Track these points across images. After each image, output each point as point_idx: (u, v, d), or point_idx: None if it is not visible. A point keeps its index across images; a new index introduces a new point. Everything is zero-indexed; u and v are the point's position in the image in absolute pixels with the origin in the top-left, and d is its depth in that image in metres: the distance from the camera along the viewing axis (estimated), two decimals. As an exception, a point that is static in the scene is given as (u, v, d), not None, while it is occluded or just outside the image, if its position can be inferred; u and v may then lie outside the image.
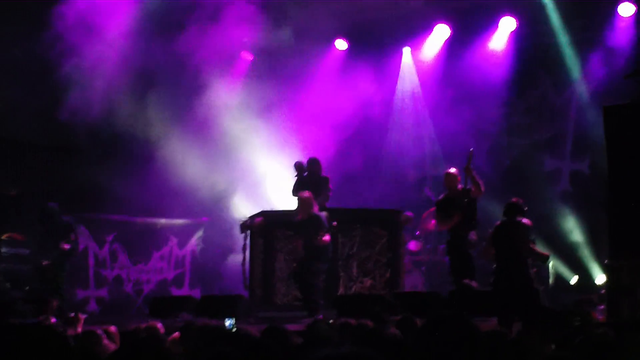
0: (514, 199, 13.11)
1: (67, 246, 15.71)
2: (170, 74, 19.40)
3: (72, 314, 11.27)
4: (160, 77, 19.39)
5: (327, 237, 14.09)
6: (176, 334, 8.51)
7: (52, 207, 16.17)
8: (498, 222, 13.04)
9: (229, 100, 20.21)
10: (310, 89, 20.59)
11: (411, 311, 11.54)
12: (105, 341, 8.40)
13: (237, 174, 19.65)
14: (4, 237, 17.75)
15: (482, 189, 14.36)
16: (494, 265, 13.10)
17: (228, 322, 11.24)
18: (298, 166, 16.45)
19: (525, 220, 12.86)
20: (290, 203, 16.11)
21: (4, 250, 17.56)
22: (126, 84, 18.62)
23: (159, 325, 9.33)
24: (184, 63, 19.07)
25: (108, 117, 18.88)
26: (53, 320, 10.96)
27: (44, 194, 17.34)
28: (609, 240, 13.59)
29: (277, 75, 20.94)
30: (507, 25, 19.55)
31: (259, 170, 19.73)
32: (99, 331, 8.52)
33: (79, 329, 10.10)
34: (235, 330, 7.97)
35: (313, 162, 16.28)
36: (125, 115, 19.09)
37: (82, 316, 10.90)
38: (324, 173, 16.25)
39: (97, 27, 17.95)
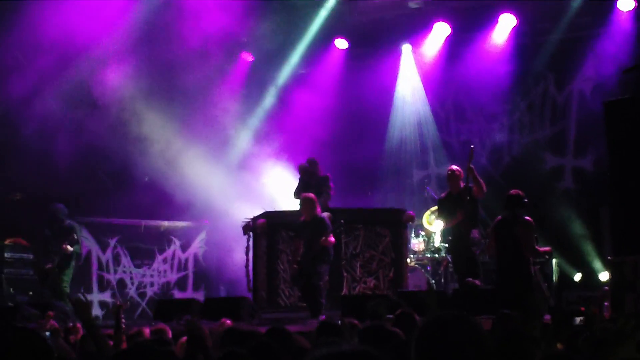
0: (512, 191, 13.00)
1: (69, 248, 15.73)
2: (171, 77, 19.41)
3: (71, 324, 11.27)
4: (161, 80, 19.40)
5: (331, 239, 14.08)
6: (183, 339, 8.48)
7: (59, 208, 16.19)
8: (499, 217, 12.94)
9: (230, 101, 20.23)
10: (310, 89, 20.57)
11: (415, 310, 11.53)
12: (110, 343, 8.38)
13: (239, 176, 19.63)
14: (7, 242, 17.76)
15: (484, 189, 14.33)
16: (496, 263, 13.05)
17: None
18: (302, 169, 16.44)
19: (528, 218, 12.79)
20: (292, 204, 16.12)
21: (8, 255, 17.57)
22: (129, 88, 18.64)
23: (167, 328, 9.30)
24: (183, 66, 19.08)
25: (112, 122, 18.92)
26: (54, 323, 10.95)
27: (48, 198, 17.34)
28: (611, 236, 13.58)
29: (278, 75, 20.96)
30: (507, 22, 19.50)
31: (261, 172, 19.72)
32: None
33: (79, 335, 10.09)
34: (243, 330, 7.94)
35: (311, 163, 16.28)
36: (128, 120, 19.12)
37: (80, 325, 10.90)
38: (322, 172, 16.25)
39: (103, 32, 17.99)
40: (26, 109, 17.83)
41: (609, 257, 14.12)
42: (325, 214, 14.41)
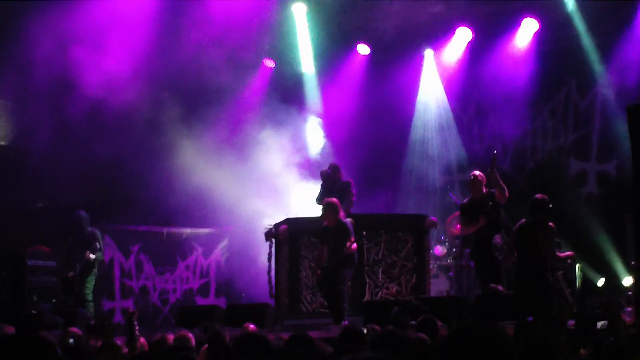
0: (538, 195, 12.92)
1: (92, 256, 15.77)
2: (193, 83, 19.44)
3: (93, 322, 11.25)
4: (182, 86, 19.43)
5: (354, 245, 14.04)
6: (206, 346, 8.47)
7: (82, 215, 16.26)
8: (523, 221, 12.88)
9: (252, 107, 20.27)
10: (332, 94, 20.59)
11: (438, 316, 11.49)
12: (125, 351, 8.40)
13: (261, 182, 19.63)
14: (30, 249, 17.81)
15: (506, 194, 14.26)
16: (516, 267, 12.98)
17: None
18: (324, 175, 16.44)
19: (551, 224, 12.71)
20: (314, 210, 16.09)
21: (30, 262, 17.62)
22: (148, 94, 18.65)
23: (190, 335, 9.29)
24: (204, 71, 19.10)
25: (137, 131, 18.96)
26: (77, 330, 10.92)
27: (70, 206, 17.40)
28: (635, 241, 13.47)
29: (300, 80, 20.98)
30: (530, 27, 19.43)
31: (283, 178, 19.71)
32: (119, 342, 8.54)
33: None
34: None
35: (333, 169, 16.30)
36: (150, 127, 19.15)
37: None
38: (344, 178, 16.27)
39: (116, 39, 18.03)
40: (46, 116, 17.90)
41: (632, 262, 14.04)
42: (348, 220, 14.38)
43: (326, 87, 20.97)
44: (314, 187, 17.04)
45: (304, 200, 18.39)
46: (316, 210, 15.56)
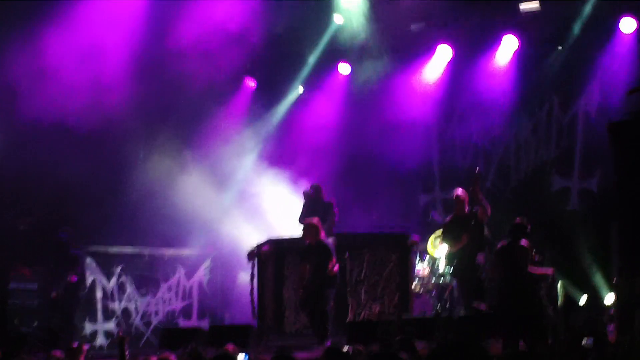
0: (517, 220, 13.01)
1: (74, 278, 15.72)
2: (174, 103, 19.40)
3: (76, 344, 11.13)
4: (164, 107, 19.40)
5: (336, 267, 14.01)
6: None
7: (63, 237, 16.23)
8: (500, 244, 12.95)
9: (233, 127, 20.24)
10: (313, 113, 20.59)
11: (421, 336, 11.46)
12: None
13: (243, 203, 19.60)
14: (12, 273, 17.71)
15: (489, 212, 14.28)
16: (499, 288, 13.03)
17: (242, 357, 11.08)
18: (306, 195, 16.45)
19: (523, 243, 12.76)
20: (296, 230, 16.06)
21: (12, 285, 17.52)
22: (127, 113, 18.57)
23: (172, 357, 9.21)
24: (186, 92, 19.07)
25: (115, 149, 18.88)
26: (58, 353, 10.81)
27: (52, 228, 17.32)
28: (619, 254, 13.48)
29: (280, 100, 20.98)
30: (510, 44, 19.46)
31: (265, 198, 19.68)
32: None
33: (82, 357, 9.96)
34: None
35: (316, 189, 16.29)
36: (132, 147, 19.10)
37: (85, 347, 10.74)
38: (326, 198, 16.27)
39: (99, 60, 17.98)
40: (31, 135, 17.82)
41: (614, 280, 14.03)
42: (330, 240, 14.36)
43: (309, 105, 20.97)
44: (297, 207, 17.00)
45: (286, 220, 18.35)
46: (299, 230, 15.53)
